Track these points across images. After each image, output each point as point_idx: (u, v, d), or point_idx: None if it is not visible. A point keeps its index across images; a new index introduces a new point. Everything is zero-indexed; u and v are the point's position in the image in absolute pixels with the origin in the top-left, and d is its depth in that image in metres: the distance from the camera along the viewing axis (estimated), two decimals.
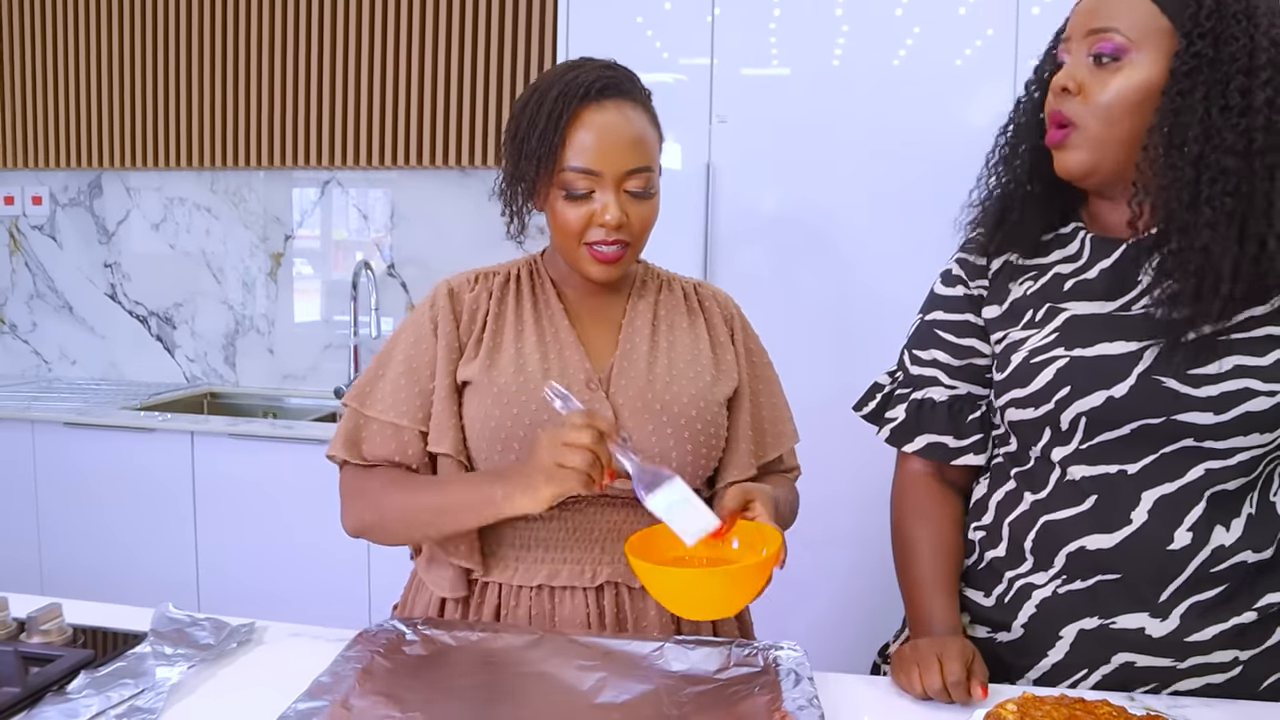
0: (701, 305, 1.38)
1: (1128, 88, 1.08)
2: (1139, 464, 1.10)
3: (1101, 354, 1.11)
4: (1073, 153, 1.12)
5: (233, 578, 2.78)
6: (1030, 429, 1.17)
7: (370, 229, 3.27)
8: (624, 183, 1.22)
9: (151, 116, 3.28)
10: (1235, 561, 1.09)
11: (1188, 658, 1.09)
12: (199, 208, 3.37)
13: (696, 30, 2.42)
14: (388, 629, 1.19)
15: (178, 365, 3.45)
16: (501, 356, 1.27)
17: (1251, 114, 1.03)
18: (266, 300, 3.36)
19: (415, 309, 1.34)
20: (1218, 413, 1.05)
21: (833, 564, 1.36)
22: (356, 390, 1.32)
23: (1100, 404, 1.09)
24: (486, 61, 3.00)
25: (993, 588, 1.21)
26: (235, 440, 2.75)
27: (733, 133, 2.40)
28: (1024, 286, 1.21)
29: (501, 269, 1.37)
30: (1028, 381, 1.15)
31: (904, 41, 2.32)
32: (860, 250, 2.34)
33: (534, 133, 1.21)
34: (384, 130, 3.10)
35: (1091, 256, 1.17)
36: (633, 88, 1.25)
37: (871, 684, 1.14)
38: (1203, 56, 1.04)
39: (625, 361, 1.28)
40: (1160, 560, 1.09)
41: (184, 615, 1.20)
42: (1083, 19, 1.12)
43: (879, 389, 1.35)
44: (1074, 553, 1.13)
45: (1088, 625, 1.12)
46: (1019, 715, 0.88)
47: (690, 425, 1.25)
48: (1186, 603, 1.09)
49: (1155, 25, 1.07)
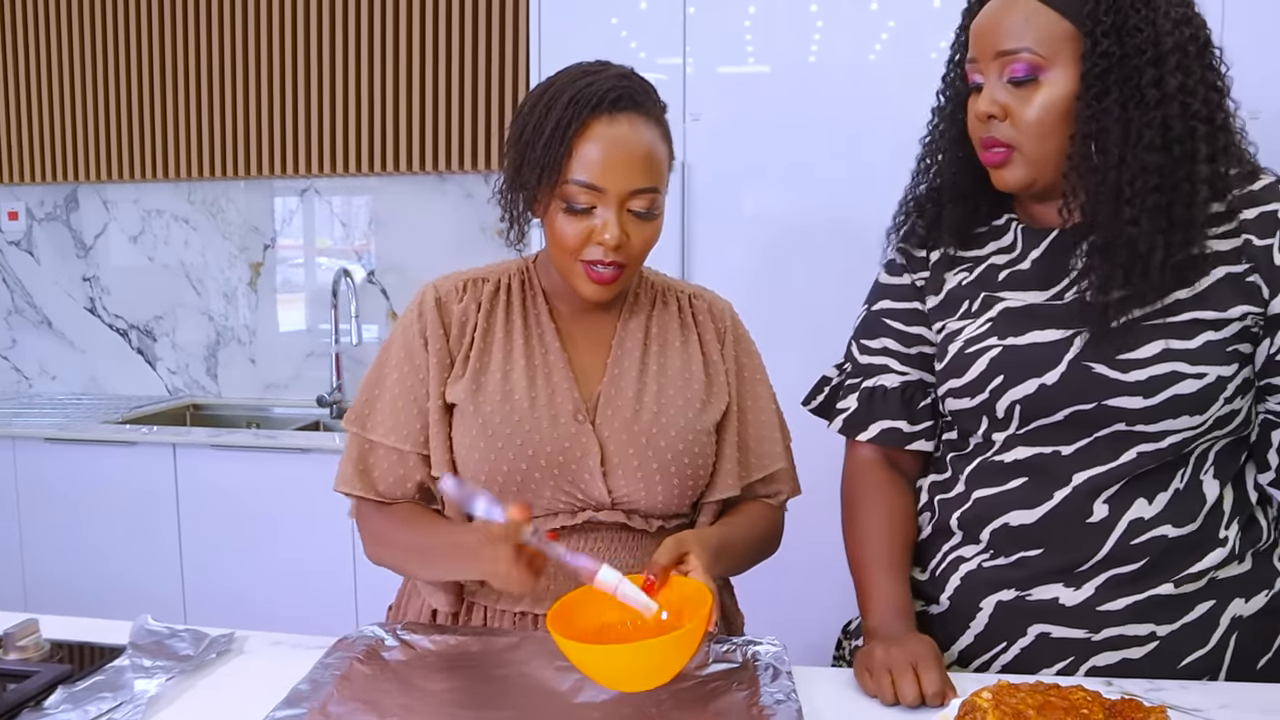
0: (695, 320, 1.34)
1: (1052, 102, 1.08)
2: (1073, 447, 1.11)
3: (1032, 342, 1.12)
4: (1012, 171, 1.12)
5: (218, 589, 2.77)
6: (969, 417, 1.18)
7: (350, 236, 3.27)
8: (628, 202, 1.17)
9: (127, 129, 3.27)
10: (1154, 535, 1.09)
11: (1101, 629, 1.11)
12: (177, 219, 3.36)
13: (672, 29, 2.42)
14: (367, 635, 1.19)
15: (159, 378, 3.44)
16: (488, 380, 1.23)
17: (1166, 103, 1.04)
18: (247, 310, 3.35)
19: (402, 317, 1.31)
20: (1147, 396, 1.06)
21: (799, 557, 1.37)
22: (355, 414, 1.29)
23: (1033, 392, 1.11)
24: (461, 64, 3.00)
25: (928, 561, 1.24)
26: (218, 451, 2.74)
27: (709, 131, 2.40)
28: (959, 277, 1.23)
29: (491, 275, 1.31)
30: (963, 371, 1.16)
31: (879, 36, 2.32)
32: (839, 247, 2.34)
33: (539, 139, 1.16)
34: (360, 137, 3.09)
35: (1024, 247, 1.18)
36: (648, 100, 1.19)
37: (849, 675, 1.13)
38: (1110, 55, 1.04)
39: (613, 389, 1.25)
40: (1080, 533, 1.11)
41: (163, 627, 1.20)
42: (987, 40, 1.11)
43: (827, 382, 1.35)
44: (998, 529, 1.15)
45: (1005, 597, 1.14)
46: (994, 703, 0.89)
47: (677, 460, 1.23)
48: (1105, 575, 1.10)
49: (1060, 32, 1.07)
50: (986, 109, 1.10)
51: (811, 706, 1.04)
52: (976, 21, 1.13)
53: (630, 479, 1.22)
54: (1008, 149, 1.11)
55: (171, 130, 3.23)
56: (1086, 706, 0.90)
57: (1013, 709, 0.89)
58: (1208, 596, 1.11)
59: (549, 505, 1.22)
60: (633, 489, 1.22)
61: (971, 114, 1.14)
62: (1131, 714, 0.88)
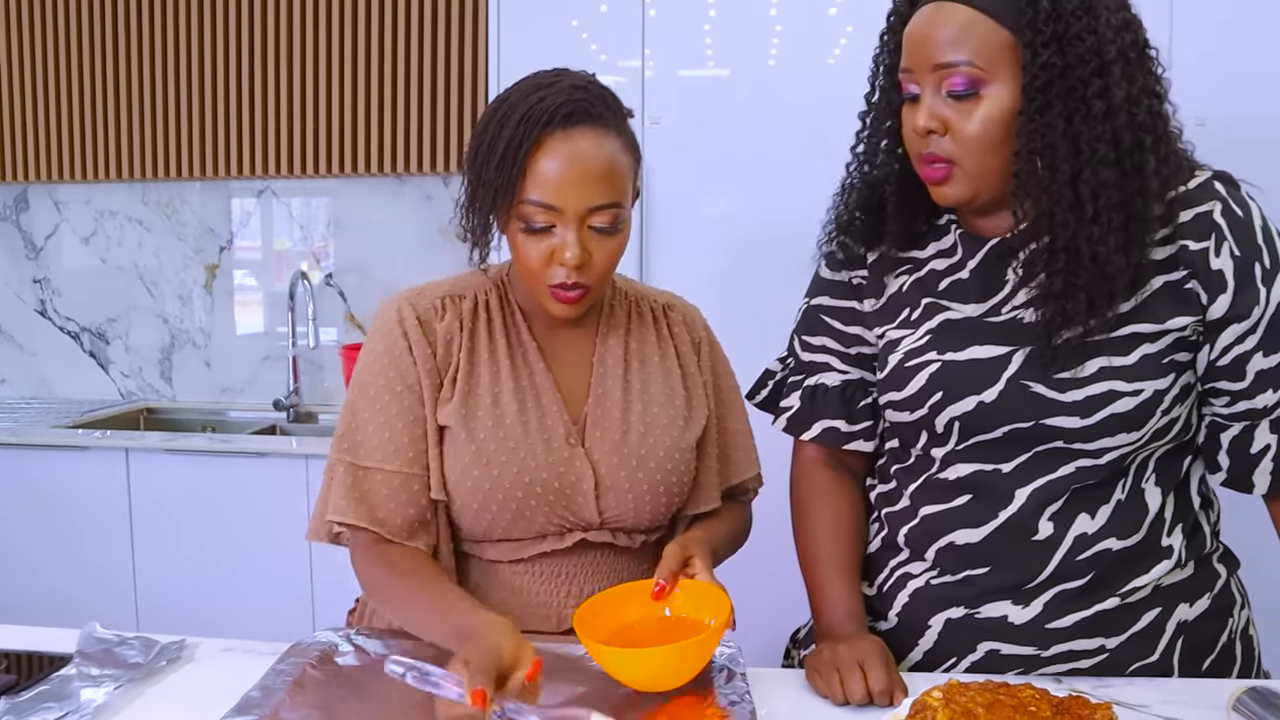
0: (671, 332, 1.33)
1: (994, 116, 1.04)
2: (1013, 463, 1.11)
3: (972, 358, 1.11)
4: (953, 187, 1.09)
5: (171, 597, 2.73)
6: (909, 430, 1.18)
7: (308, 238, 3.24)
8: (588, 219, 1.13)
9: (79, 128, 3.21)
10: (1099, 549, 1.09)
11: (1050, 645, 1.11)
12: (130, 220, 3.31)
13: (632, 32, 2.42)
14: (321, 640, 1.18)
15: (112, 381, 3.38)
16: (478, 406, 1.20)
17: (1114, 115, 1.01)
18: (203, 313, 3.30)
19: (380, 336, 1.23)
20: (1084, 416, 1.06)
21: (752, 557, 1.38)
22: (346, 440, 1.21)
23: (971, 409, 1.10)
24: (420, 66, 2.98)
25: (875, 576, 1.23)
26: (172, 456, 2.70)
27: (669, 134, 2.41)
28: (900, 280, 1.20)
29: (468, 291, 1.26)
30: (903, 385, 1.15)
31: (838, 41, 2.34)
32: (798, 249, 2.35)
33: (493, 159, 1.12)
34: (319, 138, 3.06)
35: (964, 254, 1.16)
36: (605, 111, 1.15)
37: (803, 676, 1.14)
38: (1052, 66, 1.00)
39: (599, 410, 1.24)
40: (1026, 551, 1.10)
41: (112, 635, 1.18)
42: (923, 52, 1.05)
43: (771, 376, 1.34)
44: (944, 547, 1.14)
45: (954, 615, 1.14)
46: (944, 702, 0.90)
47: (666, 478, 1.24)
48: (1052, 591, 1.10)
49: (999, 42, 1.02)
50: (926, 124, 1.06)
51: (766, 708, 1.05)
52: (910, 31, 1.08)
53: (621, 500, 1.22)
54: (948, 165, 1.07)
55: (125, 130, 3.19)
56: (1034, 704, 0.91)
57: (963, 707, 0.90)
58: (1153, 605, 1.12)
59: (541, 529, 1.21)
60: (623, 509, 1.22)
61: (908, 126, 1.10)
62: (1079, 710, 0.90)
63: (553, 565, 1.23)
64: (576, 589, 1.23)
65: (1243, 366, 1.07)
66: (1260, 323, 1.05)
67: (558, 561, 1.23)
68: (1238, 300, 1.04)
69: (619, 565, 1.26)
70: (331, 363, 3.20)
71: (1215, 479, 1.14)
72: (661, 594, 1.12)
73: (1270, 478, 1.10)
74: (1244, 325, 1.05)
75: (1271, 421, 1.09)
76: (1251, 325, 1.05)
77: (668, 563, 1.13)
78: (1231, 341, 1.06)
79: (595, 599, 1.12)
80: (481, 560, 1.24)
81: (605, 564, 1.25)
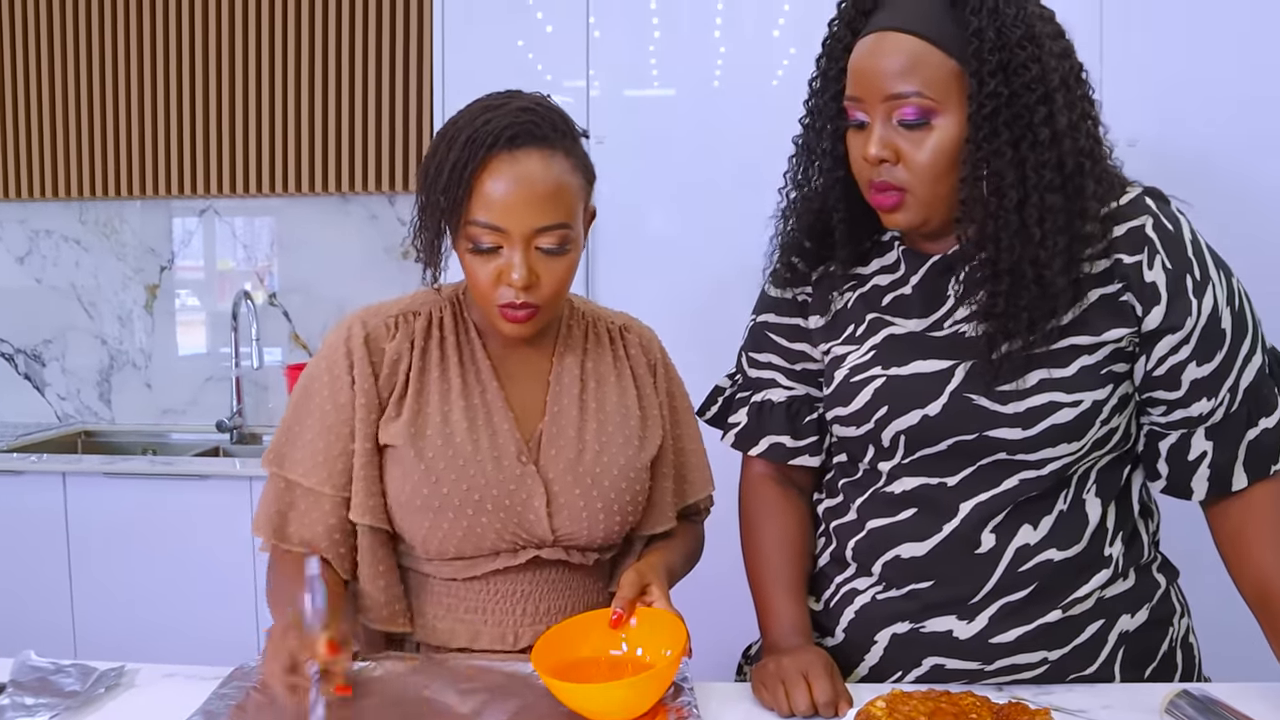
0: (628, 354, 1.34)
1: (944, 145, 1.05)
2: (958, 476, 1.13)
3: (915, 372, 1.13)
4: (905, 214, 1.10)
5: (111, 623, 2.66)
6: (855, 445, 1.19)
7: (251, 258, 3.20)
8: (534, 240, 1.14)
9: (13, 145, 3.14)
10: (1040, 560, 1.11)
11: (994, 660, 1.12)
12: (67, 239, 3.24)
13: (576, 52, 2.43)
14: None
15: (48, 404, 3.30)
16: (427, 424, 1.21)
17: (1058, 141, 1.03)
18: (143, 334, 3.24)
19: (326, 352, 1.24)
20: (1025, 428, 1.08)
21: (700, 572, 1.39)
22: (274, 452, 1.24)
23: (916, 423, 1.12)
24: (365, 85, 2.96)
25: (822, 592, 1.25)
26: (111, 479, 2.64)
27: (614, 153, 2.41)
28: (845, 297, 1.22)
29: (422, 308, 1.27)
30: (849, 400, 1.16)
31: (781, 62, 2.37)
32: (742, 268, 2.37)
33: (439, 181, 1.14)
34: (262, 157, 3.03)
35: (906, 269, 1.18)
36: (552, 133, 1.15)
37: (749, 690, 1.15)
38: (998, 95, 1.02)
39: (554, 428, 1.25)
40: (969, 564, 1.12)
41: (47, 663, 1.15)
42: (871, 82, 1.06)
43: (720, 392, 1.36)
44: (890, 561, 1.16)
45: (899, 630, 1.15)
46: (888, 711, 0.91)
47: (620, 497, 1.24)
48: (996, 604, 1.12)
49: (948, 72, 1.04)
50: (878, 153, 1.07)
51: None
52: (857, 60, 1.08)
53: (574, 518, 1.22)
54: (900, 193, 1.08)
55: (62, 147, 3.12)
56: (975, 711, 0.93)
57: (906, 716, 0.91)
58: (1096, 616, 1.14)
59: (493, 546, 1.21)
60: (576, 527, 1.22)
61: (855, 153, 1.11)
62: (1018, 717, 0.92)
63: (506, 583, 1.23)
64: (531, 607, 1.23)
65: (1178, 376, 1.10)
66: (1193, 333, 1.08)
67: (511, 579, 1.23)
68: (1171, 312, 1.07)
69: (573, 583, 1.26)
70: (276, 383, 3.16)
71: (1156, 486, 1.17)
72: (619, 623, 1.14)
73: (1208, 484, 1.12)
74: (1178, 336, 1.08)
75: (1207, 429, 1.11)
76: (1185, 336, 1.08)
77: (625, 591, 1.15)
78: (1166, 352, 1.09)
79: (552, 631, 1.13)
80: (435, 579, 1.24)
81: (559, 581, 1.25)
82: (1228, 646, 1.35)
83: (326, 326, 3.08)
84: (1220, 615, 1.32)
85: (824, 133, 1.16)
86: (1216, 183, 2.20)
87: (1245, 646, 1.23)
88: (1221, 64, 2.20)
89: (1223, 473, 1.12)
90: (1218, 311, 1.09)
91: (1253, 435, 1.11)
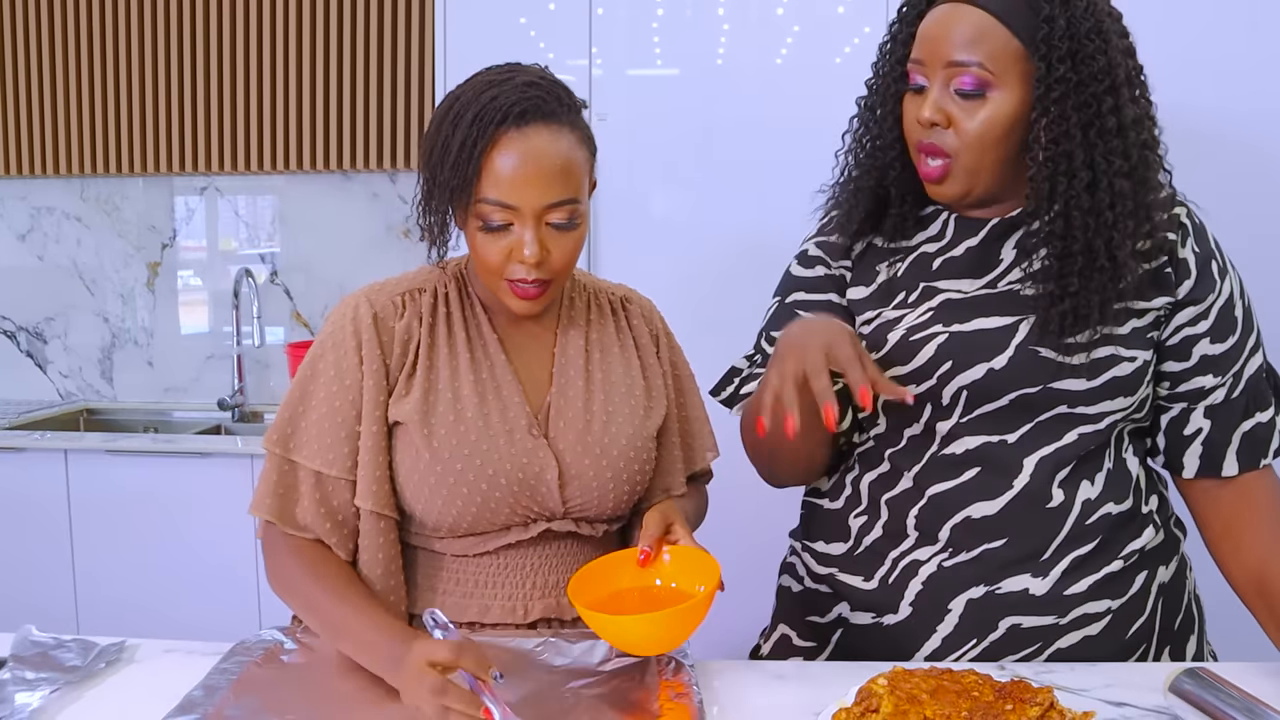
0: (630, 324, 1.34)
1: (996, 118, 1.09)
2: (1018, 432, 1.14)
3: (979, 328, 1.14)
4: (949, 184, 1.14)
5: (113, 600, 2.67)
6: (909, 408, 1.17)
7: (253, 236, 3.19)
8: (545, 216, 1.13)
9: (14, 121, 3.13)
10: (1102, 514, 1.15)
11: (1068, 612, 1.14)
12: (69, 217, 3.23)
13: (579, 30, 2.42)
14: (265, 639, 1.16)
15: (50, 382, 3.31)
16: (438, 401, 1.19)
17: (1124, 132, 1.07)
18: (145, 312, 3.24)
19: (331, 331, 1.22)
20: (1090, 379, 1.11)
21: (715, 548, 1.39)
22: (278, 433, 1.21)
23: (981, 376, 1.13)
24: (366, 63, 2.95)
25: (874, 571, 1.22)
26: (113, 457, 2.64)
27: (617, 132, 2.41)
28: (893, 269, 1.23)
29: (427, 284, 1.26)
30: (909, 358, 1.16)
31: (785, 40, 2.36)
32: (746, 247, 2.37)
33: (447, 159, 1.12)
34: (264, 134, 3.02)
35: (955, 235, 1.20)
36: (559, 107, 1.14)
37: (751, 668, 1.15)
38: (1066, 81, 1.06)
39: (562, 400, 1.25)
40: (1041, 520, 1.14)
41: (48, 638, 1.15)
42: (936, 48, 1.11)
43: (736, 373, 1.34)
44: (959, 524, 1.16)
45: (975, 594, 1.15)
46: (889, 689, 0.91)
47: (629, 466, 1.24)
48: (1067, 558, 1.14)
49: (1011, 50, 1.08)
50: (931, 116, 1.11)
51: (713, 699, 1.05)
52: (926, 25, 1.12)
53: (585, 489, 1.22)
54: (946, 160, 1.12)
55: (63, 124, 3.11)
56: (978, 689, 0.92)
57: (907, 694, 0.91)
58: (1141, 568, 1.18)
59: (505, 521, 1.21)
60: (587, 498, 1.23)
61: (910, 115, 1.15)
62: (1020, 694, 0.92)
63: (517, 557, 1.23)
64: (541, 579, 1.23)
65: (1190, 348, 1.15)
66: (1211, 310, 1.15)
67: (522, 553, 1.23)
68: (1197, 286, 1.15)
69: (582, 555, 1.25)
70: (277, 361, 3.16)
71: (1153, 461, 1.23)
72: (647, 560, 1.14)
73: (1199, 460, 1.19)
74: (1198, 309, 1.15)
75: (1207, 407, 1.17)
76: (1204, 310, 1.15)
77: (650, 529, 1.15)
78: (1184, 323, 1.15)
79: (586, 569, 1.14)
80: (446, 556, 1.23)
81: (569, 554, 1.25)
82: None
83: (328, 305, 3.08)
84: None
85: (888, 94, 1.19)
86: (1224, 166, 2.19)
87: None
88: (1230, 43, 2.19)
89: (1215, 453, 1.18)
90: (1233, 299, 1.17)
91: (1248, 426, 1.18)
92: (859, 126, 1.24)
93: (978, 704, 0.90)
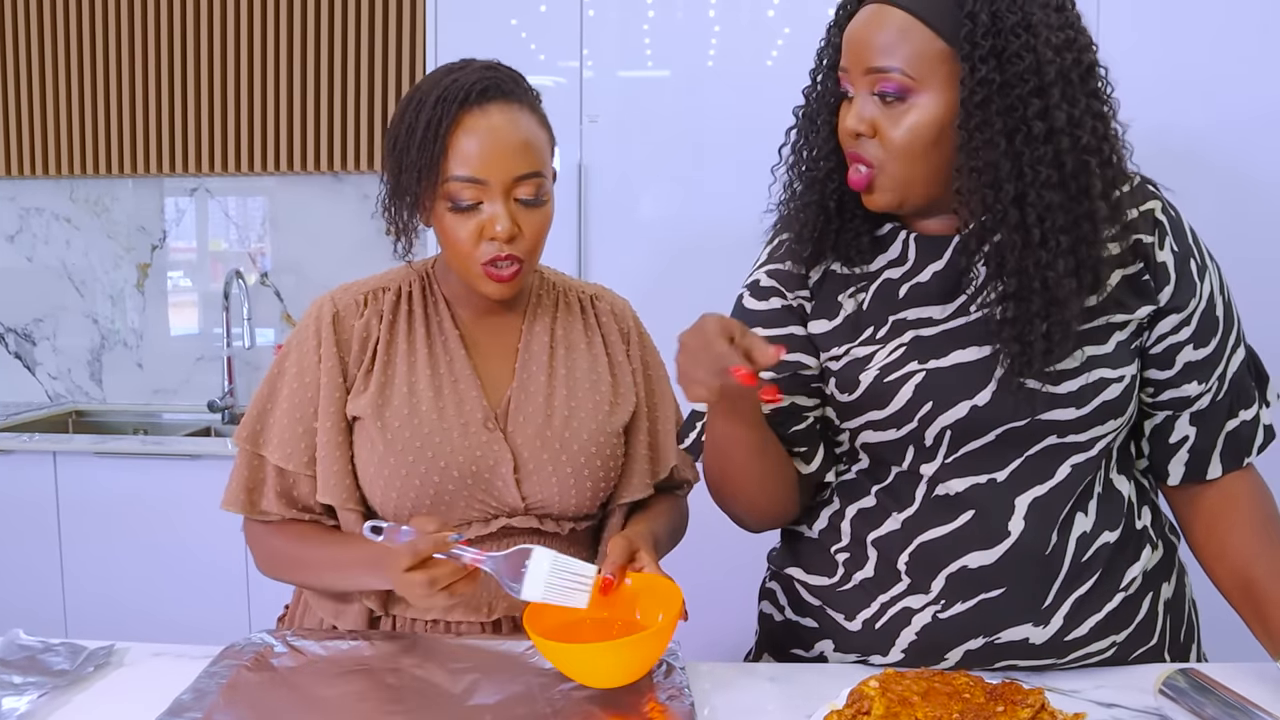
0: (599, 321, 1.34)
1: (921, 125, 1.02)
2: (1007, 470, 1.08)
3: (957, 362, 1.08)
4: (878, 195, 1.07)
5: (102, 603, 2.66)
6: (891, 449, 1.12)
7: (244, 237, 3.18)
8: (513, 190, 1.15)
9: (3, 121, 3.12)
10: (1099, 546, 1.10)
11: (1069, 654, 1.10)
12: (58, 218, 3.22)
13: (570, 32, 2.41)
14: (256, 642, 1.16)
15: (39, 383, 3.29)
16: (394, 395, 1.21)
17: (1055, 137, 0.98)
18: (134, 313, 3.23)
19: (297, 331, 1.27)
20: (1079, 406, 1.06)
21: (694, 554, 1.38)
22: (246, 429, 1.26)
23: (964, 415, 1.07)
24: (357, 65, 2.94)
25: (857, 611, 1.15)
26: (102, 459, 2.63)
27: (608, 134, 2.40)
28: (858, 299, 1.15)
29: (391, 283, 1.28)
30: (885, 401, 1.09)
31: (775, 42, 2.36)
32: (736, 250, 2.36)
33: (413, 142, 1.15)
34: (255, 136, 3.01)
35: (919, 259, 1.12)
36: (517, 89, 1.19)
37: (743, 670, 1.15)
38: (990, 83, 0.98)
39: (523, 394, 1.25)
40: (1038, 566, 1.09)
41: (36, 641, 1.14)
42: (858, 53, 1.04)
43: (699, 417, 1.22)
44: (955, 573, 1.09)
45: (973, 645, 1.10)
46: (881, 690, 0.91)
47: (590, 462, 1.24)
48: (1068, 602, 1.09)
49: (934, 51, 1.00)
50: (854, 126, 1.05)
51: (704, 701, 1.05)
52: (849, 31, 1.06)
53: (544, 484, 1.22)
54: (870, 170, 1.06)
55: (53, 124, 3.10)
56: (969, 690, 0.93)
57: (899, 695, 0.91)
58: (1144, 591, 1.14)
59: (463, 515, 1.21)
60: (546, 494, 1.22)
61: (840, 125, 1.08)
62: (1011, 696, 0.92)
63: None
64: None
65: (1173, 356, 1.11)
66: (1193, 316, 1.10)
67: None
68: (1178, 292, 1.09)
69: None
70: (267, 363, 3.13)
71: (1138, 467, 1.19)
72: (609, 588, 1.09)
73: (1184, 468, 1.15)
74: (1180, 316, 1.10)
75: (1192, 414, 1.13)
76: (1186, 317, 1.10)
77: (614, 557, 1.12)
78: (1167, 331, 1.10)
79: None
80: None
81: None
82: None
83: None
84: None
85: (823, 103, 1.13)
86: (1209, 170, 2.19)
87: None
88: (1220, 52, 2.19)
89: (1200, 459, 1.14)
90: (1214, 298, 1.12)
91: (1232, 426, 1.14)
92: (799, 138, 1.16)
93: (969, 706, 0.90)
